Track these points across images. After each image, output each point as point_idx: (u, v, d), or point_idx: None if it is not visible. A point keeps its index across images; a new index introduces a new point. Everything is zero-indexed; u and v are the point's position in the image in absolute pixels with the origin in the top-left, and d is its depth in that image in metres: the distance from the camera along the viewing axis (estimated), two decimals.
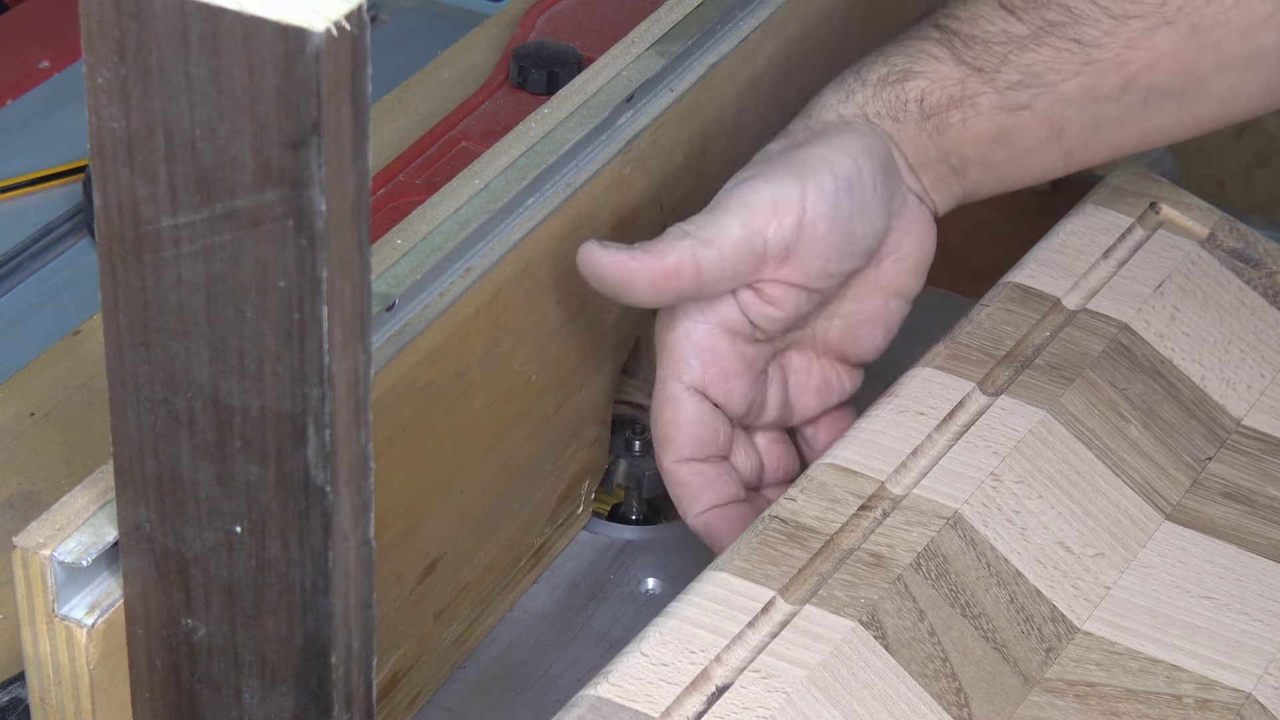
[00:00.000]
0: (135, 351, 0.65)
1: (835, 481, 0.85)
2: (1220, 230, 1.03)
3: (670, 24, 1.02)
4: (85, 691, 0.72)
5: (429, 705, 0.92)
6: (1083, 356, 0.94)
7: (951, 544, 0.83)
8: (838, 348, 0.97)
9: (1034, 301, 0.97)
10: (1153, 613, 0.84)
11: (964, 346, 0.93)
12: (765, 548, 0.82)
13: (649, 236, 0.90)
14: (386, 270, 0.85)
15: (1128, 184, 1.05)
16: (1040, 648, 0.82)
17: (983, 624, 0.81)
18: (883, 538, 0.83)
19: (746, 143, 1.07)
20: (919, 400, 0.90)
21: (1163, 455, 0.91)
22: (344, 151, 0.60)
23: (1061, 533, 0.86)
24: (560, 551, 1.00)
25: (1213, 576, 0.86)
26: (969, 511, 0.85)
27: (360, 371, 0.64)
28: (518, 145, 0.93)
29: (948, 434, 0.89)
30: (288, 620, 0.67)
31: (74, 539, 0.71)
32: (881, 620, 0.80)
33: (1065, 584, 0.84)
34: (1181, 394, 0.94)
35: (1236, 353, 0.97)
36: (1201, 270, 1.00)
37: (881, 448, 0.87)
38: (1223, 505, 0.90)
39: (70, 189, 1.19)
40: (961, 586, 0.82)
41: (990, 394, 0.91)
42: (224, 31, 0.58)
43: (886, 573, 0.81)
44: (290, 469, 0.64)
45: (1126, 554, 0.86)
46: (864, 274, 0.96)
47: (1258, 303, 0.99)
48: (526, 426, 0.94)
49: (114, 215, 0.63)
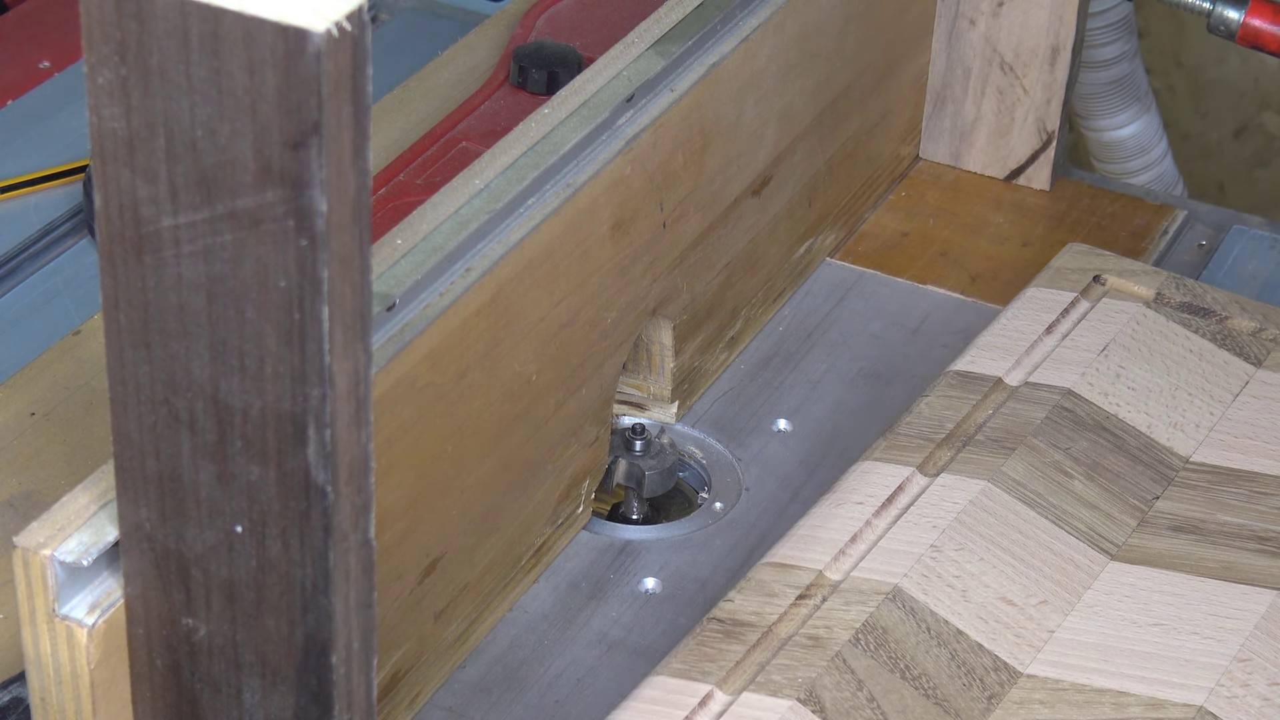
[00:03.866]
0: (136, 351, 0.65)
1: (772, 578, 0.86)
2: (1167, 288, 1.04)
3: (670, 24, 1.02)
4: (86, 691, 0.72)
5: (429, 705, 0.92)
6: (1024, 426, 0.95)
7: (891, 615, 0.84)
8: None
9: (975, 385, 0.97)
10: (1099, 648, 0.85)
11: (903, 436, 0.94)
12: (702, 647, 0.83)
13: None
14: (386, 270, 0.85)
15: (1070, 263, 1.06)
16: (982, 696, 0.82)
17: (923, 683, 0.82)
18: (820, 621, 0.84)
19: (746, 143, 1.07)
20: (857, 491, 0.91)
21: (1108, 502, 0.92)
22: (344, 151, 0.60)
23: (1004, 589, 0.87)
24: (560, 551, 1.00)
25: (1161, 605, 0.87)
26: (908, 584, 0.86)
27: (360, 371, 0.64)
28: (518, 145, 0.93)
29: (887, 518, 0.90)
30: (288, 620, 0.67)
31: (74, 539, 0.71)
32: (820, 695, 0.81)
33: (1008, 634, 0.85)
34: (1127, 443, 0.95)
35: (1184, 397, 0.97)
36: (1147, 328, 1.01)
37: (819, 540, 0.88)
38: (1170, 538, 0.90)
39: (70, 189, 1.19)
40: (901, 653, 0.83)
41: (930, 475, 0.92)
42: (224, 32, 0.58)
43: (824, 651, 0.83)
44: (291, 469, 0.64)
45: (1071, 597, 0.87)
46: None
47: (1206, 348, 1.00)
48: (526, 426, 0.94)
49: (114, 215, 0.63)
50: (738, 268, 1.10)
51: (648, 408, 1.07)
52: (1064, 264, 1.05)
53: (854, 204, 1.22)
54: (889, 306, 1.16)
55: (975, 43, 1.23)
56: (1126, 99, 1.60)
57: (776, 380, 1.11)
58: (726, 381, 1.11)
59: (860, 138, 1.20)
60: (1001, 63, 1.23)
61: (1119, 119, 1.61)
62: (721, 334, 1.10)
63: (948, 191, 1.25)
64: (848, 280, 1.18)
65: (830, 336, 1.13)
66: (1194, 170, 2.01)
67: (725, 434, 1.07)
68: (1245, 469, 0.94)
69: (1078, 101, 1.58)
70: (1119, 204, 1.25)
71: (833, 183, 1.18)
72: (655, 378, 1.07)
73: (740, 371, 1.11)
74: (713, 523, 1.02)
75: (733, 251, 1.09)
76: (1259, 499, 0.92)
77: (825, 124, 1.15)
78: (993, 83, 1.24)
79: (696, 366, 1.08)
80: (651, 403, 1.07)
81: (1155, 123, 1.62)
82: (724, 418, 1.08)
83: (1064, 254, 1.06)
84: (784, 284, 1.16)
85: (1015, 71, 1.23)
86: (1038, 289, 1.04)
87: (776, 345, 1.13)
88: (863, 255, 1.20)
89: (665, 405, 1.07)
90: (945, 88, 1.25)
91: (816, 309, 1.16)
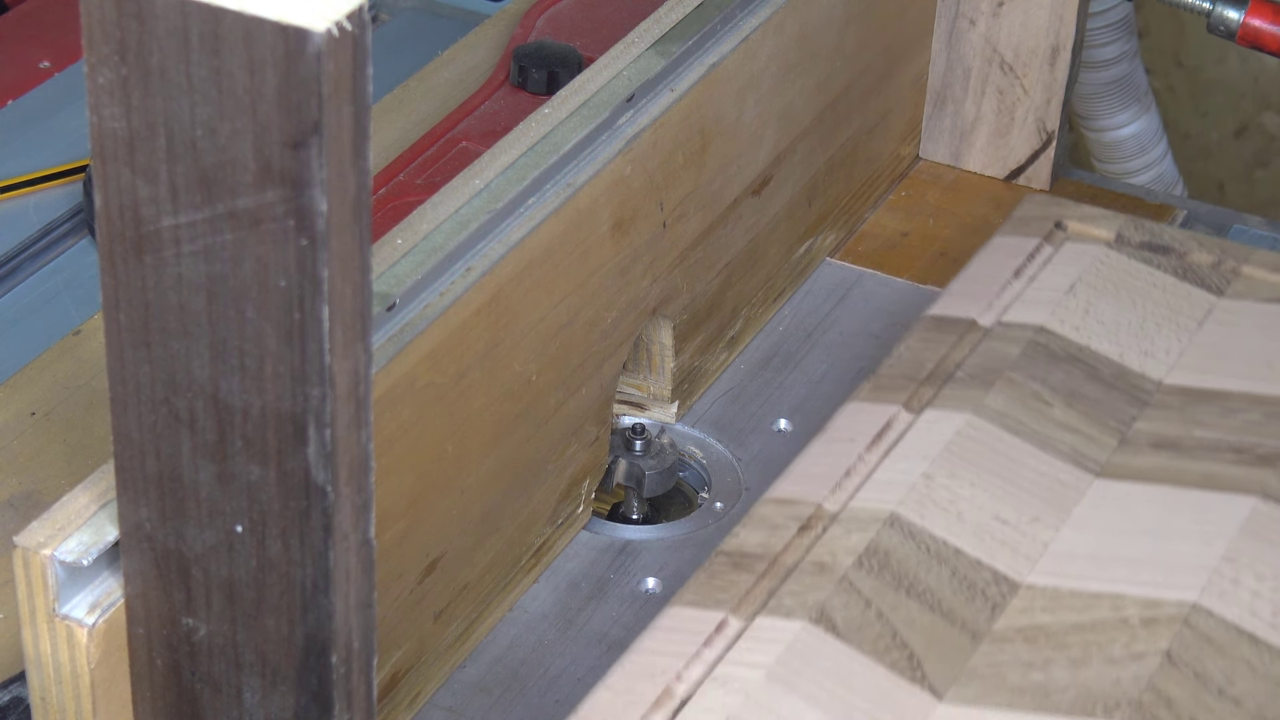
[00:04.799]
0: (136, 351, 0.65)
1: (774, 513, 0.89)
2: (1126, 230, 1.08)
3: (670, 24, 1.02)
4: (86, 691, 0.72)
5: (429, 705, 0.92)
6: (1001, 361, 0.98)
7: (891, 539, 0.88)
8: None
9: (950, 327, 1.00)
10: (1092, 557, 0.88)
11: (886, 378, 0.97)
12: (713, 579, 0.86)
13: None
14: (386, 270, 0.85)
15: (1032, 211, 1.09)
16: (985, 607, 0.86)
17: (928, 599, 0.86)
18: (824, 548, 0.87)
19: (746, 143, 1.07)
20: (847, 430, 0.94)
21: (1088, 426, 0.95)
22: (344, 151, 0.60)
23: (996, 509, 0.90)
24: (560, 551, 1.00)
25: (1148, 516, 0.91)
26: (904, 510, 0.89)
27: (361, 371, 0.64)
28: (518, 145, 0.93)
29: (877, 452, 0.93)
30: (288, 620, 0.67)
31: (75, 538, 0.71)
32: (830, 615, 0.84)
33: (1004, 550, 0.88)
34: (1101, 372, 0.98)
35: (1152, 327, 1.02)
36: (1111, 266, 1.05)
37: (815, 476, 0.91)
38: (1151, 455, 0.94)
39: (70, 189, 1.19)
40: (904, 572, 0.86)
41: (915, 411, 0.95)
42: (225, 31, 0.58)
43: (831, 576, 0.85)
44: (291, 469, 0.64)
45: (1061, 514, 0.90)
46: None
47: (1168, 282, 1.05)
48: (526, 426, 0.94)
49: (115, 215, 0.63)
50: (738, 268, 1.10)
51: (648, 408, 1.07)
52: (1025, 213, 1.10)
53: (854, 204, 1.22)
54: (889, 306, 1.16)
55: (975, 43, 1.23)
56: (1126, 99, 1.60)
57: (776, 380, 1.11)
58: (726, 381, 1.11)
59: (860, 138, 1.20)
60: (1001, 63, 1.23)
61: (1119, 119, 1.61)
62: (721, 334, 1.10)
63: (948, 191, 1.25)
64: (848, 280, 1.18)
65: (830, 336, 1.13)
66: (1194, 170, 2.01)
67: (725, 434, 1.07)
68: (1216, 388, 0.98)
69: (1078, 102, 1.58)
70: (1119, 204, 1.25)
71: (833, 183, 1.18)
72: (655, 378, 1.07)
73: (740, 371, 1.11)
74: (713, 523, 1.02)
75: (733, 251, 1.09)
76: (1231, 414, 0.96)
77: (825, 124, 1.15)
78: (993, 83, 1.24)
79: (696, 366, 1.09)
80: (651, 403, 1.07)
81: (1155, 123, 1.62)
82: (724, 418, 1.08)
83: (1024, 204, 1.10)
84: (784, 284, 1.16)
85: (1015, 71, 1.23)
86: (1003, 237, 1.08)
87: (776, 345, 1.13)
88: (863, 255, 1.20)
89: (665, 405, 1.07)
90: (945, 88, 1.25)
91: (816, 309, 1.16)
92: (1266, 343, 1.01)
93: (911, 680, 0.82)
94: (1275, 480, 0.93)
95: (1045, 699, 0.82)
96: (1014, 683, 0.82)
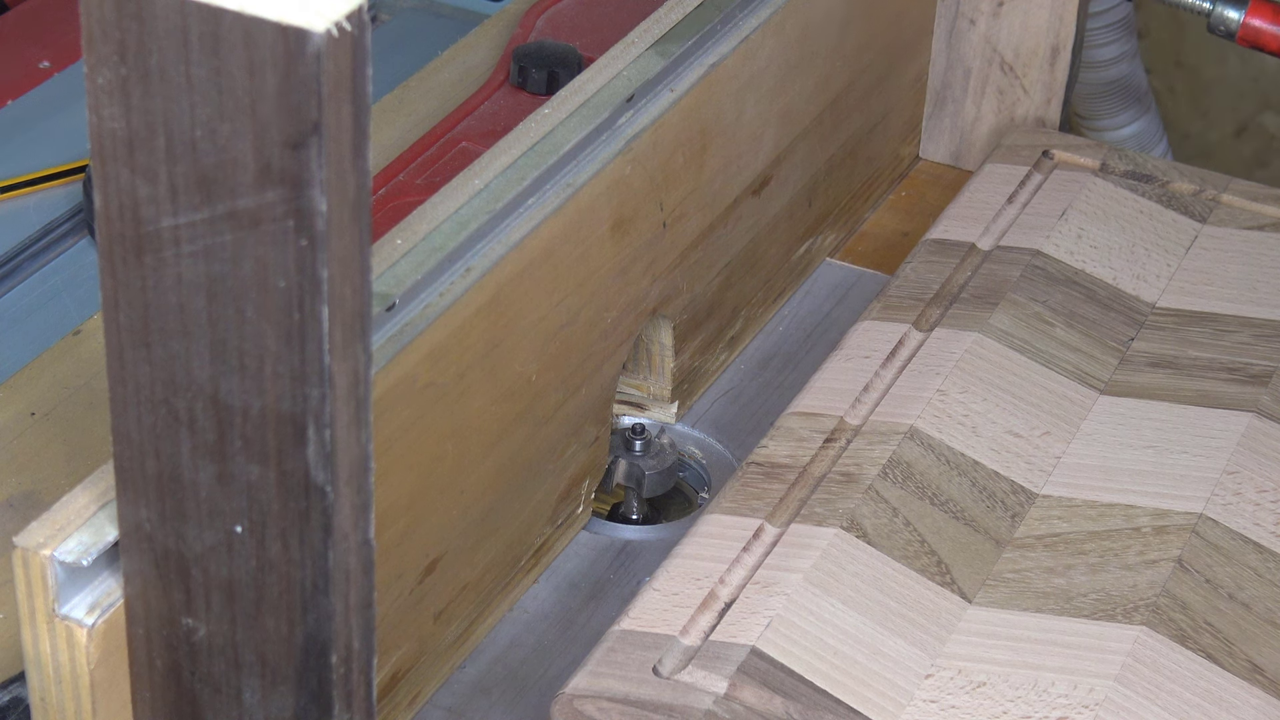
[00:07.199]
0: (136, 351, 0.65)
1: (799, 425, 0.95)
2: (1110, 159, 1.15)
3: (670, 24, 1.02)
4: (85, 691, 0.72)
5: (429, 705, 0.93)
6: (1002, 283, 1.05)
7: (911, 451, 0.94)
8: None
9: (952, 250, 1.08)
10: (1102, 469, 0.94)
11: (894, 298, 1.04)
12: (746, 488, 0.92)
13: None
14: (386, 270, 0.85)
15: (1019, 140, 1.16)
16: (1006, 516, 0.91)
17: (951, 507, 0.91)
18: (850, 459, 0.93)
19: (746, 143, 1.07)
20: (862, 348, 1.01)
21: (1089, 345, 1.02)
22: (344, 151, 0.60)
23: (1009, 424, 0.96)
24: (560, 551, 1.00)
25: (1152, 430, 0.97)
26: (922, 424, 0.95)
27: (360, 371, 0.64)
28: (518, 145, 0.93)
29: (893, 369, 0.99)
30: (288, 620, 0.67)
31: (74, 539, 0.71)
32: (860, 523, 0.90)
33: (1019, 462, 0.94)
34: (1097, 294, 1.05)
35: (1142, 251, 1.08)
36: (1099, 194, 1.12)
37: (836, 390, 0.98)
38: (1150, 373, 1.00)
39: (70, 189, 1.19)
40: (926, 483, 0.92)
41: (925, 330, 1.02)
42: (224, 32, 0.58)
43: (858, 485, 0.92)
44: (290, 469, 0.64)
45: (1070, 428, 0.97)
46: None
47: (1154, 209, 1.11)
48: (526, 426, 0.94)
49: (114, 215, 0.63)
50: (738, 268, 1.10)
51: (648, 408, 1.07)
52: (1013, 142, 1.16)
53: (854, 204, 1.22)
54: None
55: (975, 43, 1.23)
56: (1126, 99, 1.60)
57: (776, 380, 1.11)
58: (726, 381, 1.11)
59: (860, 138, 1.20)
60: (1001, 63, 1.23)
61: (1119, 119, 1.61)
62: (721, 334, 1.10)
63: (948, 191, 1.25)
64: (848, 280, 1.18)
65: (830, 336, 1.13)
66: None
67: (725, 434, 1.07)
68: (1207, 311, 1.05)
69: (1078, 102, 1.58)
70: None
71: (833, 183, 1.18)
72: (655, 378, 1.07)
73: (740, 371, 1.11)
74: None
75: (733, 251, 1.09)
76: (1223, 336, 1.03)
77: (825, 124, 1.15)
78: (993, 83, 1.24)
79: (696, 366, 1.09)
80: (651, 403, 1.07)
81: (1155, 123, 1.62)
82: (724, 418, 1.08)
83: (1011, 134, 1.17)
84: (784, 284, 1.16)
85: (1015, 71, 1.23)
86: (994, 164, 1.14)
87: (776, 345, 1.13)
88: (863, 255, 1.20)
89: (665, 405, 1.07)
90: (945, 88, 1.25)
91: (816, 309, 1.16)
92: (1250, 268, 1.08)
93: (942, 584, 0.88)
94: (1268, 398, 0.99)
95: (1068, 603, 0.88)
96: (1039, 587, 0.88)
